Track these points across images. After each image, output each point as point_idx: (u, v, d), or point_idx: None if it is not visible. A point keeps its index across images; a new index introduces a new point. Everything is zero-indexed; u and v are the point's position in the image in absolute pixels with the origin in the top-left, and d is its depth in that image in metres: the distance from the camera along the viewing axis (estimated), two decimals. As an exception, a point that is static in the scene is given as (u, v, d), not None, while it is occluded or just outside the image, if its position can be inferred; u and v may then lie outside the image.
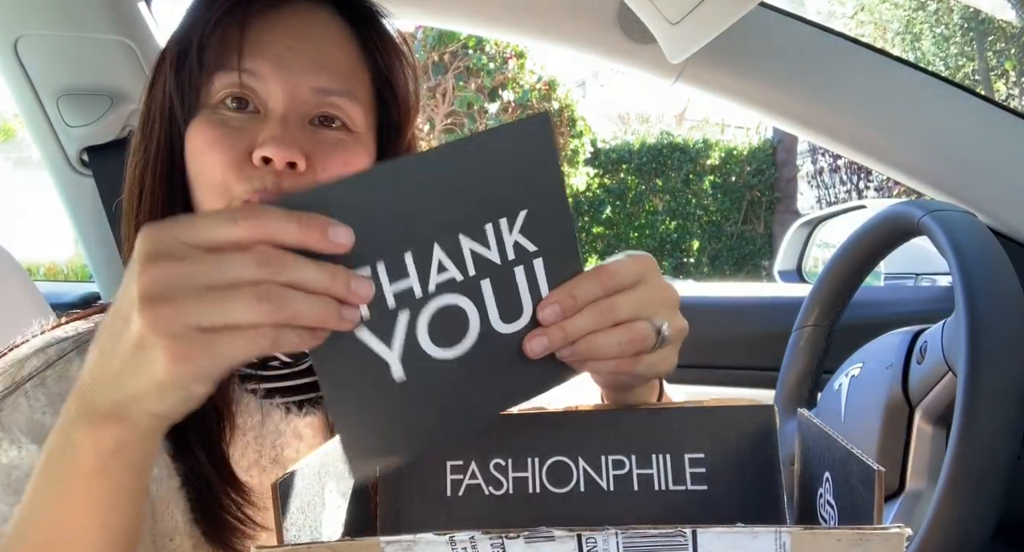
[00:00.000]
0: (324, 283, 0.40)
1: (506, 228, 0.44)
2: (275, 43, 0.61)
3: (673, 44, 0.97)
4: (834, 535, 0.31)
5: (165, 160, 0.63)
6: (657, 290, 0.48)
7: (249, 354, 0.39)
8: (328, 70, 0.62)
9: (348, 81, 0.63)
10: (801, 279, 1.98)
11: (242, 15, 0.60)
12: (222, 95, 0.61)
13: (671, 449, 0.48)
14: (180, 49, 0.61)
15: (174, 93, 0.61)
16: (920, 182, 1.13)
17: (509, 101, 7.96)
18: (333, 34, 0.64)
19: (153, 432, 0.45)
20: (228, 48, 0.60)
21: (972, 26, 10.44)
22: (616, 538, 0.31)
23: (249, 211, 0.40)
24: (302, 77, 0.61)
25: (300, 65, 0.61)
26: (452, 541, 0.32)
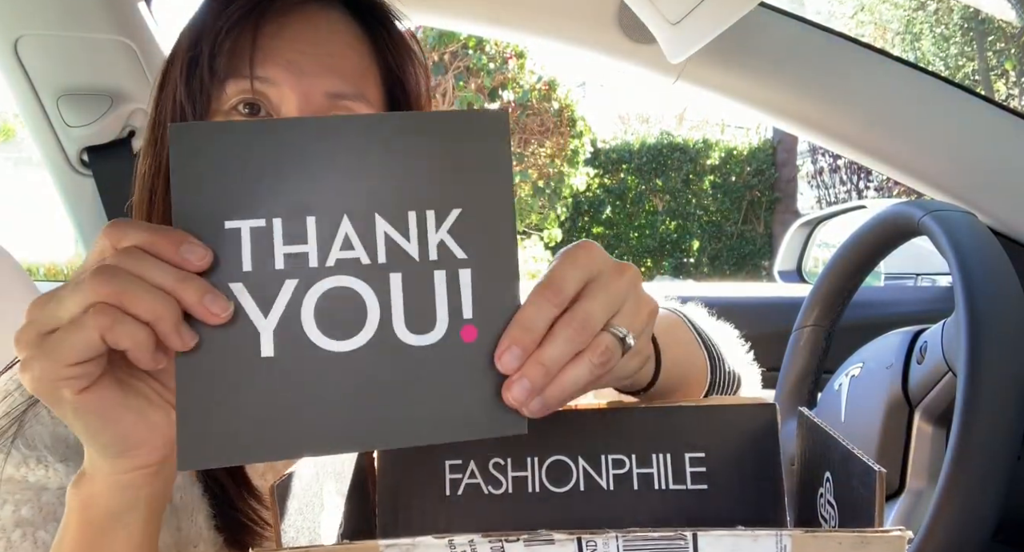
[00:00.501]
0: (172, 283, 0.38)
1: (432, 223, 0.40)
2: (287, 48, 0.60)
3: (673, 44, 0.97)
4: (835, 538, 0.31)
5: None
6: (611, 282, 0.43)
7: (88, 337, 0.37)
8: (340, 73, 0.62)
9: (359, 84, 0.63)
10: (801, 279, 1.98)
11: (254, 22, 0.60)
12: (234, 102, 0.61)
13: (671, 448, 0.48)
14: (191, 56, 0.61)
15: (185, 100, 0.61)
16: (920, 182, 1.13)
17: (509, 101, 7.95)
18: (344, 36, 0.64)
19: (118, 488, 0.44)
20: (240, 55, 0.60)
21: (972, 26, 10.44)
22: (616, 541, 0.31)
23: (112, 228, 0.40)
24: (315, 82, 0.61)
25: (312, 70, 0.61)
26: (451, 544, 0.32)
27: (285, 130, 0.40)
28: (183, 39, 0.63)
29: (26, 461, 0.56)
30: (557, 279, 0.41)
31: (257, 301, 0.39)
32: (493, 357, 0.39)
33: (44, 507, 0.55)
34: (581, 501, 0.47)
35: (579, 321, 0.41)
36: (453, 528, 0.46)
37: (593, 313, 0.41)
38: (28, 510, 0.54)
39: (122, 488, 0.44)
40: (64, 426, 0.58)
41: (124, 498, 0.44)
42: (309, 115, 0.60)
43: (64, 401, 0.39)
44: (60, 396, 0.39)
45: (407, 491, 0.48)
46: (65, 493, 0.56)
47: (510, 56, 7.87)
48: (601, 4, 1.10)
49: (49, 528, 0.54)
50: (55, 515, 0.54)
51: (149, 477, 0.44)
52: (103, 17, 1.22)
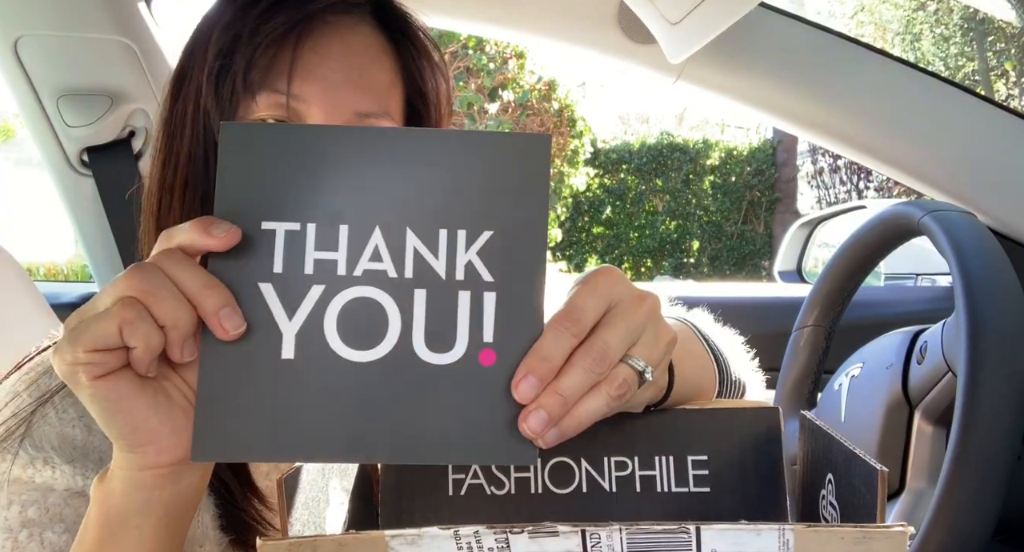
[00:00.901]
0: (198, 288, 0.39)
1: (462, 242, 0.40)
2: (321, 65, 0.61)
3: (673, 44, 0.97)
4: (837, 533, 0.31)
5: (199, 169, 0.63)
6: (630, 312, 0.42)
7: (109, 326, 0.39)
8: (369, 91, 0.63)
9: (385, 101, 0.65)
10: (801, 279, 1.98)
11: (295, 39, 0.60)
12: (264, 115, 0.61)
13: (674, 451, 0.48)
14: (222, 64, 0.61)
15: (211, 105, 0.61)
16: (920, 182, 1.13)
17: (509, 101, 7.95)
18: (374, 51, 0.65)
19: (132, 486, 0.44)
20: (277, 71, 0.60)
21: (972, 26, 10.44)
22: (620, 534, 0.31)
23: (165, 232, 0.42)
24: (345, 101, 0.61)
25: (344, 88, 0.62)
26: (457, 535, 0.32)
27: (330, 137, 0.41)
28: (213, 43, 0.62)
29: (33, 462, 0.55)
30: (577, 308, 0.41)
31: (283, 303, 0.39)
32: (510, 384, 0.39)
33: (51, 508, 0.55)
34: (583, 502, 0.47)
35: (597, 352, 0.40)
36: (455, 526, 0.46)
37: (611, 344, 0.41)
38: (34, 511, 0.54)
39: (136, 487, 0.44)
40: (71, 427, 0.58)
41: (137, 498, 0.44)
42: None
43: (80, 385, 0.40)
44: (77, 379, 0.40)
45: (410, 490, 0.48)
46: (71, 494, 0.56)
47: (510, 56, 7.87)
48: (601, 4, 1.10)
49: (55, 529, 0.54)
50: (61, 516, 0.54)
51: (163, 478, 0.44)
52: (103, 17, 1.22)
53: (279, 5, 0.61)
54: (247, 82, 0.60)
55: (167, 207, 0.63)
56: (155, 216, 0.64)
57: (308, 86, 0.60)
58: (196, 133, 0.62)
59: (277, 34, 0.60)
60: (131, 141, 1.30)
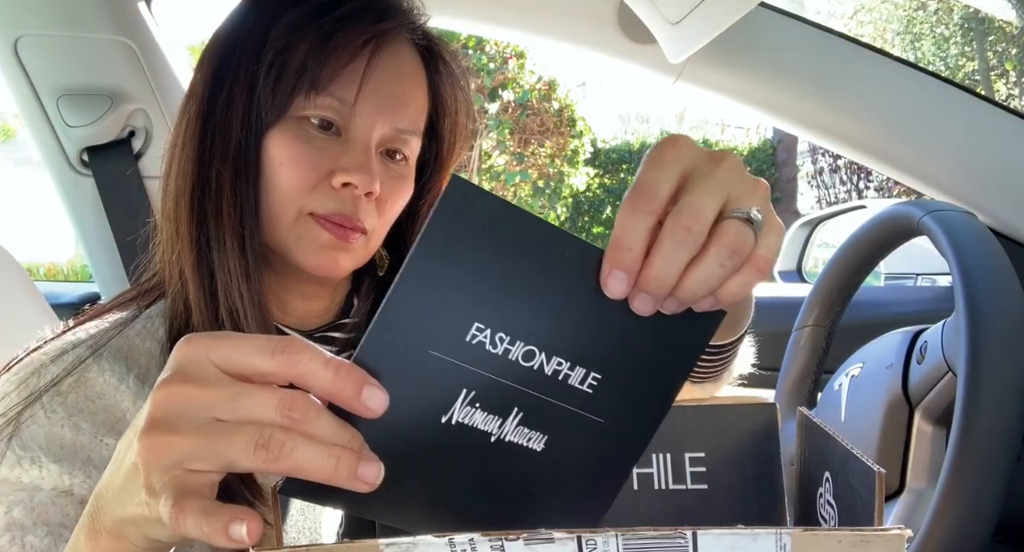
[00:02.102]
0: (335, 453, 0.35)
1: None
2: (372, 78, 0.64)
3: (673, 44, 0.97)
4: (834, 536, 0.31)
5: (250, 158, 0.63)
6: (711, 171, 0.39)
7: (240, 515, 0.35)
8: (408, 110, 0.67)
9: (418, 121, 0.69)
10: (801, 279, 1.98)
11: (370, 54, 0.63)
12: (312, 115, 0.63)
13: (671, 448, 0.48)
14: (284, 59, 0.62)
15: (267, 98, 0.62)
16: (920, 182, 1.13)
17: (509, 101, 7.95)
18: (414, 73, 0.68)
19: None
20: (334, 76, 0.62)
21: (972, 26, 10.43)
22: (616, 540, 0.31)
23: (289, 345, 0.36)
24: (389, 115, 0.65)
25: (390, 103, 0.65)
26: (451, 543, 0.32)
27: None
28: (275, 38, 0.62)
29: (20, 462, 0.55)
30: (647, 183, 0.38)
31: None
32: None
33: (36, 508, 0.54)
34: (581, 501, 0.47)
35: (686, 217, 0.37)
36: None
37: (700, 204, 0.37)
38: (20, 511, 0.54)
39: None
40: (60, 426, 0.57)
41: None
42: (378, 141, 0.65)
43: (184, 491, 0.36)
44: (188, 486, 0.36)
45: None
46: (58, 493, 0.55)
47: (510, 56, 7.87)
48: (601, 4, 1.10)
49: (39, 532, 0.53)
50: (46, 518, 0.54)
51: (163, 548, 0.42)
52: (103, 17, 1.22)
53: (356, 17, 0.63)
54: (313, 83, 0.62)
55: (215, 196, 0.62)
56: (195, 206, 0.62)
57: (363, 96, 0.63)
58: (247, 123, 0.63)
59: (356, 46, 0.62)
60: (131, 141, 1.30)
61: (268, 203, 0.64)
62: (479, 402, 0.39)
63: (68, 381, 0.60)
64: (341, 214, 0.63)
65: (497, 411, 0.39)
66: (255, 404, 0.36)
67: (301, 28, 0.62)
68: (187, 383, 0.37)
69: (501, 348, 0.38)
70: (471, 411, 0.39)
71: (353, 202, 0.64)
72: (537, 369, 0.39)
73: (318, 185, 0.63)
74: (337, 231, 0.64)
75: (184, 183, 0.64)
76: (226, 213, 0.62)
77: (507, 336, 0.38)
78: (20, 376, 0.60)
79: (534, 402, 0.39)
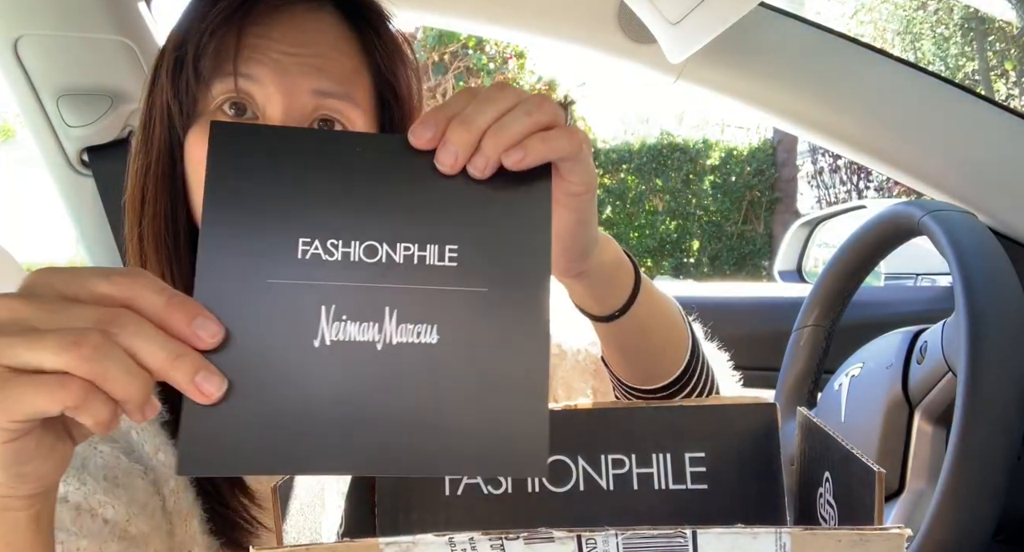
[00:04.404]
0: (161, 362, 0.35)
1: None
2: (272, 48, 0.60)
3: (673, 44, 0.97)
4: (834, 536, 0.31)
5: (167, 167, 0.63)
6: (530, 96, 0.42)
7: (43, 408, 0.34)
8: (326, 73, 0.61)
9: (347, 84, 0.63)
10: (801, 279, 1.98)
11: (239, 22, 0.60)
12: (219, 101, 0.60)
13: (671, 448, 0.48)
14: (176, 57, 0.61)
15: (171, 101, 0.61)
16: (920, 182, 1.13)
17: (509, 101, 7.94)
18: (332, 37, 0.64)
19: None
20: (225, 55, 0.59)
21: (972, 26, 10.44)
22: (616, 539, 0.31)
23: (129, 271, 0.37)
24: (299, 80, 0.60)
25: (297, 68, 0.60)
26: (451, 542, 0.32)
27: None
28: (170, 39, 0.63)
29: None
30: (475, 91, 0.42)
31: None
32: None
33: None
34: (581, 501, 0.47)
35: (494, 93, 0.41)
36: (452, 528, 0.46)
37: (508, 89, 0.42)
38: None
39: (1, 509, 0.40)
40: None
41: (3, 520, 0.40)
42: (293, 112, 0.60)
43: None
44: None
45: (407, 491, 0.48)
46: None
47: (510, 56, 7.87)
48: (601, 4, 1.10)
49: None
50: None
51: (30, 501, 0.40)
52: (103, 17, 1.22)
53: None
54: (198, 71, 0.60)
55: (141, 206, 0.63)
56: (136, 215, 0.64)
57: (260, 67, 0.59)
58: (163, 130, 0.62)
59: (221, 18, 0.59)
60: (131, 141, 1.30)
61: (197, 207, 0.62)
62: (344, 314, 0.37)
63: None
64: None
65: (368, 317, 0.38)
66: (74, 316, 0.35)
67: (186, 21, 0.61)
68: (19, 298, 0.36)
69: (338, 253, 0.38)
70: (341, 326, 0.37)
71: None
72: (386, 262, 0.38)
73: None
74: None
75: (132, 203, 0.64)
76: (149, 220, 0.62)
77: (338, 240, 0.38)
78: None
79: (402, 295, 0.38)
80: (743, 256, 8.65)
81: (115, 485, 0.55)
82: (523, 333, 0.39)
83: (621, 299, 0.59)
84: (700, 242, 8.68)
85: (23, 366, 0.35)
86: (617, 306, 0.59)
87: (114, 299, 0.36)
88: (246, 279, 0.37)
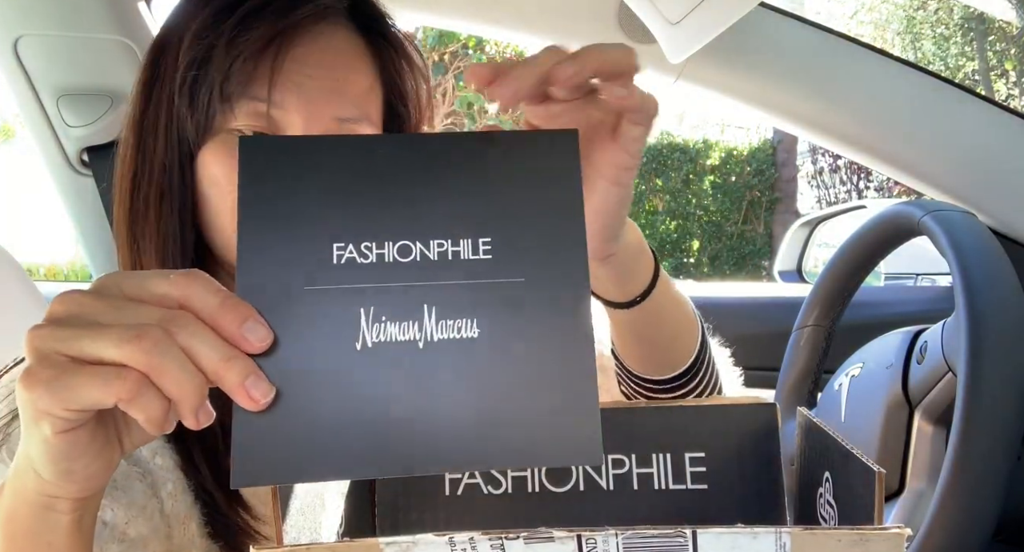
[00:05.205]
0: (215, 363, 0.36)
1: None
2: (298, 73, 0.60)
3: (673, 44, 0.97)
4: (834, 535, 0.31)
5: (172, 181, 0.61)
6: None
7: (98, 399, 0.35)
8: (347, 97, 0.62)
9: (364, 105, 0.63)
10: (801, 279, 1.98)
11: (275, 50, 0.59)
12: (242, 124, 0.60)
13: (671, 448, 0.48)
14: (196, 74, 0.59)
15: (186, 116, 0.60)
16: (920, 182, 1.13)
17: (509, 101, 7.93)
18: (351, 55, 0.63)
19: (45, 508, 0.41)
20: (256, 81, 0.59)
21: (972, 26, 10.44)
22: (616, 539, 0.31)
23: (187, 273, 0.38)
24: (323, 107, 0.60)
25: (321, 95, 0.60)
26: (452, 542, 0.32)
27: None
28: (184, 52, 0.60)
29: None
30: None
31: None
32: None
33: None
34: (581, 501, 0.47)
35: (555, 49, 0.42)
36: (452, 528, 0.46)
37: None
38: None
39: (45, 509, 0.41)
40: None
41: (46, 518, 0.41)
42: None
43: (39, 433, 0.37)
44: (39, 428, 0.37)
45: (407, 491, 0.48)
46: None
47: (510, 56, 7.87)
48: (601, 4, 1.10)
49: None
50: None
51: (77, 505, 0.41)
52: (103, 17, 1.22)
53: (257, 15, 0.59)
54: (224, 93, 0.59)
55: (142, 219, 0.62)
56: (128, 228, 0.62)
57: (286, 93, 0.59)
58: (170, 143, 0.61)
59: (257, 47, 0.58)
60: (129, 142, 1.30)
61: (214, 222, 0.61)
62: (384, 315, 0.38)
63: None
64: None
65: (408, 316, 0.38)
66: (136, 313, 0.37)
67: (207, 38, 0.59)
68: (88, 294, 0.38)
69: (373, 256, 0.38)
70: (381, 327, 0.38)
71: None
72: (421, 260, 0.39)
73: None
74: None
75: (121, 208, 0.63)
76: (149, 238, 0.61)
77: (371, 242, 0.38)
78: (9, 387, 0.59)
79: (440, 291, 0.38)
80: (743, 256, 8.65)
81: (114, 487, 0.55)
82: (565, 319, 0.38)
83: (642, 284, 0.58)
84: (700, 242, 8.67)
85: (84, 356, 0.36)
86: (638, 291, 0.58)
87: (173, 299, 0.37)
88: (284, 288, 0.38)
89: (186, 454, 0.60)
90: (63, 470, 0.38)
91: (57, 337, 0.36)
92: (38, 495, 0.40)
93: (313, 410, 0.37)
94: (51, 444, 0.37)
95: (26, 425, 0.38)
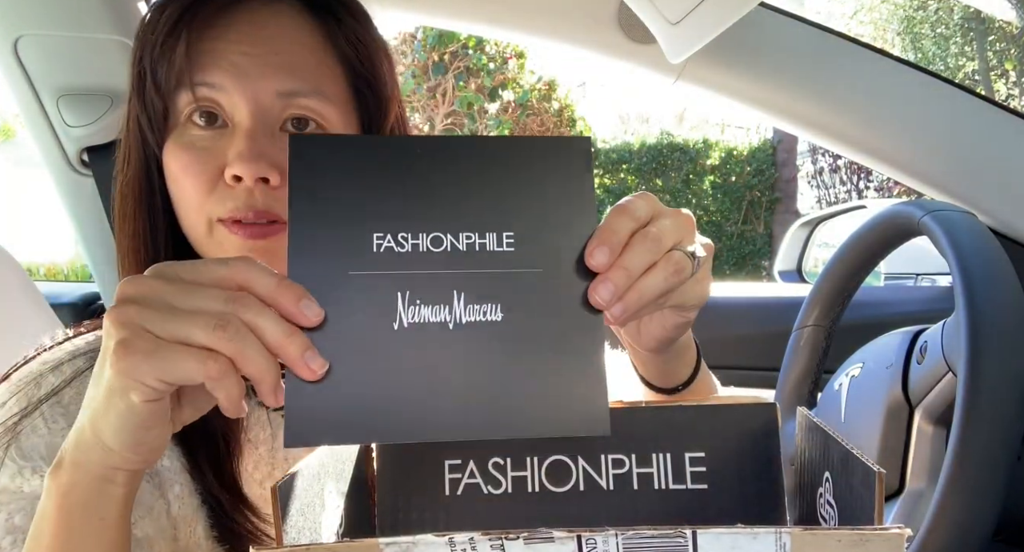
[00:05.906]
0: (279, 339, 0.40)
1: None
2: (229, 50, 0.58)
3: (673, 44, 0.97)
4: (834, 536, 0.31)
5: (144, 183, 0.62)
6: (675, 216, 0.48)
7: (192, 375, 0.40)
8: (291, 71, 0.59)
9: (315, 80, 0.61)
10: (801, 279, 1.98)
11: (185, 28, 0.58)
12: (188, 112, 0.59)
13: (671, 448, 0.48)
14: (137, 71, 0.60)
15: (141, 117, 0.61)
16: (920, 182, 1.13)
17: (509, 101, 7.95)
18: (293, 31, 0.61)
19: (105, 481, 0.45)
20: (180, 65, 0.58)
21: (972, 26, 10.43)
22: (616, 539, 0.31)
23: (243, 258, 0.42)
24: (262, 83, 0.58)
25: (258, 70, 0.58)
26: (451, 542, 0.32)
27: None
28: (133, 52, 0.62)
29: (21, 472, 0.54)
30: (630, 205, 0.47)
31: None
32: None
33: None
34: (581, 501, 0.47)
35: (652, 236, 0.46)
36: (452, 528, 0.46)
37: (664, 231, 0.46)
38: (21, 518, 0.53)
39: (104, 482, 0.44)
40: (61, 437, 0.56)
41: (106, 491, 0.45)
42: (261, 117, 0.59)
43: (125, 400, 0.41)
44: (127, 395, 0.40)
45: (407, 491, 0.48)
46: None
47: (510, 56, 7.87)
48: (601, 4, 1.10)
49: None
50: None
51: (132, 477, 0.45)
52: (103, 17, 1.22)
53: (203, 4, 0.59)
54: (157, 83, 0.59)
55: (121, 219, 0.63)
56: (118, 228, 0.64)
57: (218, 73, 0.58)
58: (138, 149, 0.62)
59: (168, 27, 0.58)
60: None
61: (183, 221, 0.62)
62: (418, 299, 0.42)
63: (69, 393, 0.59)
64: (243, 211, 0.58)
65: (439, 300, 0.42)
66: (207, 296, 0.41)
67: (141, 33, 0.60)
68: (154, 278, 0.42)
69: (408, 245, 0.43)
70: (416, 310, 0.42)
71: (249, 195, 0.57)
72: (451, 250, 0.43)
73: (215, 187, 0.58)
74: (246, 231, 0.58)
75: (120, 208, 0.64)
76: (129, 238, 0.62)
77: (407, 233, 0.43)
78: (18, 386, 0.59)
79: (468, 279, 0.43)
80: (743, 256, 8.66)
81: None
82: (576, 306, 0.44)
83: (686, 374, 0.62)
84: (700, 242, 8.67)
85: (174, 338, 0.40)
86: (681, 380, 0.62)
87: (232, 281, 0.42)
88: (330, 273, 0.42)
89: (192, 458, 0.60)
90: (136, 440, 0.42)
91: (145, 317, 0.40)
92: (102, 467, 0.44)
93: (355, 381, 0.41)
94: (136, 411, 0.41)
95: (110, 394, 0.41)
